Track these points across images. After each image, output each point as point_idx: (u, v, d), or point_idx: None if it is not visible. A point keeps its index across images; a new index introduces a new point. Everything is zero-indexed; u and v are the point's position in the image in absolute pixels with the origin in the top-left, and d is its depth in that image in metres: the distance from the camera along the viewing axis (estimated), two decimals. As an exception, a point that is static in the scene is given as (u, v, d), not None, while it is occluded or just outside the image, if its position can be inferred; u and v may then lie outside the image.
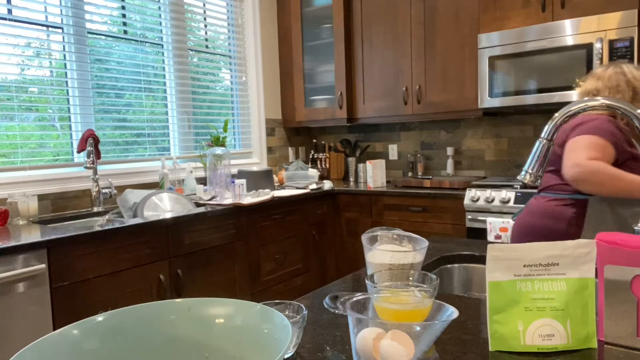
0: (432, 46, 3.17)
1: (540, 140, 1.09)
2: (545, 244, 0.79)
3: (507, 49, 2.74)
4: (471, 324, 0.89)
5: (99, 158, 2.57)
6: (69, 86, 2.67)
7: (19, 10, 2.45)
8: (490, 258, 0.79)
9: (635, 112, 0.97)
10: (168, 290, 2.23)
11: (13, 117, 2.44)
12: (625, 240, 0.77)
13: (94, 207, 2.57)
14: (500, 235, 2.51)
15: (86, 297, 1.93)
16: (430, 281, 0.81)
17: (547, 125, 1.07)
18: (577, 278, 0.78)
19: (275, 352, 0.56)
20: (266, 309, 0.67)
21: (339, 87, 3.56)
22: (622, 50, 2.40)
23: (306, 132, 4.19)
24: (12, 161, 2.42)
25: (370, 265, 1.01)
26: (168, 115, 3.19)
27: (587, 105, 1.02)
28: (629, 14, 2.39)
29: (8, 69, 2.43)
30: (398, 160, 3.78)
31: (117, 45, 2.92)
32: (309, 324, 0.91)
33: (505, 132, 3.26)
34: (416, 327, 0.66)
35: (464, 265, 1.40)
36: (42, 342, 0.58)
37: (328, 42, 3.63)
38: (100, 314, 0.66)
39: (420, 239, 1.03)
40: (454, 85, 3.09)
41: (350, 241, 3.30)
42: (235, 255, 2.59)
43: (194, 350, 0.67)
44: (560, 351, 0.77)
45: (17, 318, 1.75)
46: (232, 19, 3.64)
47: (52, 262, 1.84)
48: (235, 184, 2.71)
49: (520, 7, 2.75)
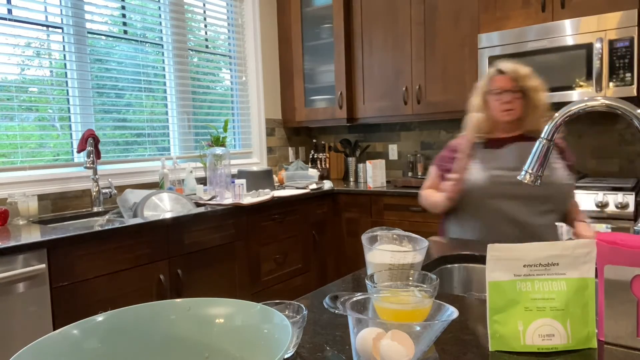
0: (432, 46, 3.17)
1: (540, 140, 1.09)
2: (545, 243, 0.79)
3: (507, 49, 2.74)
4: (471, 324, 0.89)
5: (99, 158, 2.57)
6: (69, 86, 2.67)
7: (19, 10, 2.45)
8: (490, 258, 0.79)
9: (635, 112, 0.97)
10: (168, 290, 2.23)
11: (13, 117, 2.44)
12: (625, 240, 0.77)
13: (94, 207, 2.57)
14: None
15: (86, 297, 1.93)
16: (430, 281, 0.81)
17: (547, 125, 1.07)
18: (577, 278, 0.78)
19: (275, 352, 0.56)
20: (266, 309, 0.67)
21: (339, 87, 3.56)
22: (622, 50, 2.40)
23: (306, 132, 4.19)
24: (12, 161, 2.42)
25: (370, 265, 1.01)
26: (168, 115, 3.19)
27: (587, 105, 1.02)
28: (629, 14, 2.39)
29: (8, 69, 2.43)
30: (398, 160, 3.77)
31: (117, 45, 2.92)
32: (309, 324, 0.91)
33: (505, 132, 3.25)
34: (416, 327, 0.66)
35: (464, 265, 1.40)
36: (42, 342, 0.58)
37: (328, 42, 3.63)
38: (100, 314, 0.66)
39: (420, 239, 1.03)
40: (454, 85, 3.09)
41: (350, 241, 3.30)
42: (235, 255, 2.59)
43: (194, 350, 0.67)
44: (560, 351, 0.77)
45: (17, 318, 1.75)
46: (232, 19, 3.64)
47: (52, 262, 1.84)
48: (235, 184, 2.71)
49: (520, 7, 2.75)
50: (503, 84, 1.80)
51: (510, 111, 1.79)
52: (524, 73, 1.81)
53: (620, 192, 2.33)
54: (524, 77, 1.79)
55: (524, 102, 1.80)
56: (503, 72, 1.82)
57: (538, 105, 1.80)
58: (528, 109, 1.80)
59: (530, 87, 1.79)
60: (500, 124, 1.85)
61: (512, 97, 1.78)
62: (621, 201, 2.29)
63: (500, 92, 1.79)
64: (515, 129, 1.84)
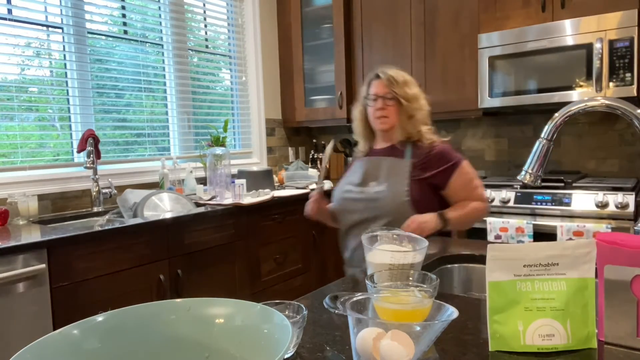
0: (432, 46, 3.17)
1: (540, 140, 1.09)
2: (545, 243, 0.79)
3: (507, 49, 2.74)
4: (471, 324, 0.89)
5: (99, 158, 2.57)
6: (69, 86, 2.67)
7: (19, 10, 2.45)
8: (490, 258, 0.79)
9: (635, 112, 0.97)
10: (168, 290, 2.23)
11: (13, 117, 2.44)
12: (625, 240, 0.77)
13: (94, 207, 2.57)
14: (500, 235, 2.52)
15: (86, 297, 1.93)
16: (430, 281, 0.81)
17: (547, 125, 1.07)
18: (577, 278, 0.78)
19: (275, 352, 0.56)
20: (266, 309, 0.67)
21: (339, 87, 3.56)
22: (622, 50, 2.40)
23: (306, 132, 4.19)
24: (12, 161, 2.42)
25: (370, 265, 1.01)
26: (168, 115, 3.19)
27: (587, 105, 1.02)
28: (629, 14, 2.39)
29: (8, 69, 2.43)
30: (398, 160, 3.77)
31: (117, 45, 2.92)
32: (309, 324, 0.91)
33: (505, 132, 3.26)
34: (416, 327, 0.66)
35: (464, 265, 1.40)
36: (42, 342, 0.58)
37: (328, 42, 3.63)
38: (100, 314, 0.66)
39: (420, 239, 1.03)
40: (454, 85, 3.09)
41: (350, 241, 3.30)
42: (235, 255, 2.59)
43: (194, 350, 0.67)
44: (560, 351, 0.77)
45: (17, 318, 1.75)
46: (232, 19, 3.64)
47: (52, 262, 1.83)
48: (235, 184, 2.71)
49: (520, 7, 2.75)
50: (377, 89, 1.72)
51: (384, 119, 1.71)
52: (401, 80, 1.72)
53: (620, 192, 2.33)
54: (401, 84, 1.71)
55: (399, 110, 1.70)
56: (379, 77, 1.74)
57: (414, 115, 1.71)
58: (403, 117, 1.71)
59: (406, 95, 1.70)
60: (378, 133, 1.78)
61: (384, 104, 1.70)
62: (621, 201, 2.29)
63: (375, 98, 1.72)
64: (390, 139, 1.76)
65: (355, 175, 1.77)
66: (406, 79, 1.75)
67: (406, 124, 1.71)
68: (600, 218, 2.33)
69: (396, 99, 1.70)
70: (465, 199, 1.72)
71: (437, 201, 1.72)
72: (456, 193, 1.72)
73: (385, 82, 1.71)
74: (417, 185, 1.67)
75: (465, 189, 1.72)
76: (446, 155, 1.73)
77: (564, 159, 3.03)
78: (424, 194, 1.68)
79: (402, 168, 1.69)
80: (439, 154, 1.73)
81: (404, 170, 1.68)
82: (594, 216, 2.35)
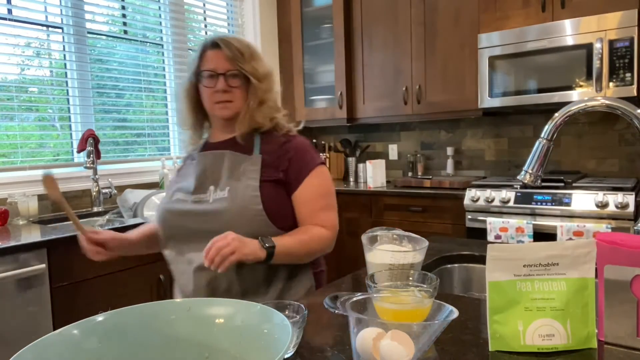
0: (432, 46, 3.17)
1: (540, 140, 1.09)
2: (545, 243, 0.79)
3: (507, 49, 2.74)
4: (471, 324, 0.89)
5: (99, 158, 2.57)
6: (69, 86, 2.67)
7: (19, 10, 2.45)
8: (490, 258, 0.79)
9: (635, 112, 0.97)
10: (168, 290, 2.23)
11: (13, 117, 2.44)
12: (625, 240, 0.77)
13: (94, 207, 2.57)
14: (500, 235, 2.51)
15: (86, 297, 1.93)
16: (430, 281, 0.81)
17: (547, 125, 1.07)
18: (577, 278, 0.78)
19: (275, 352, 0.56)
20: (266, 309, 0.67)
21: (339, 87, 3.56)
22: (622, 50, 2.40)
23: (306, 132, 4.19)
24: (12, 161, 2.42)
25: (370, 265, 1.01)
26: (168, 115, 3.19)
27: (587, 105, 1.02)
28: (629, 14, 2.39)
29: (8, 69, 2.43)
30: (398, 160, 3.77)
31: (117, 45, 2.92)
32: (309, 324, 0.91)
33: (505, 132, 3.26)
34: (416, 327, 0.66)
35: (464, 265, 1.40)
36: (42, 342, 0.58)
37: (328, 42, 3.63)
38: (100, 314, 0.66)
39: (420, 239, 1.03)
40: (454, 85, 3.09)
41: (350, 241, 3.30)
42: (235, 255, 2.59)
43: (194, 350, 0.67)
44: (560, 351, 0.77)
45: (17, 318, 1.75)
46: (232, 19, 3.64)
47: (52, 262, 1.83)
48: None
49: (520, 7, 2.75)
50: (217, 64, 1.25)
51: (227, 103, 1.26)
52: (248, 52, 1.27)
53: (620, 192, 2.33)
54: (247, 58, 1.26)
55: (247, 92, 1.27)
56: (219, 47, 1.26)
57: (266, 99, 1.28)
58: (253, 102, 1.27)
59: (255, 72, 1.26)
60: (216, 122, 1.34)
61: (227, 84, 1.25)
62: (621, 201, 2.29)
63: (213, 74, 1.25)
64: (233, 130, 1.30)
65: (187, 179, 1.31)
66: (252, 50, 1.29)
67: (256, 112, 1.27)
68: (600, 218, 2.33)
69: (243, 77, 1.26)
70: (307, 218, 1.27)
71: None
72: (299, 206, 1.28)
73: (228, 53, 1.24)
74: (271, 189, 1.24)
75: (310, 204, 1.27)
76: (304, 153, 1.31)
77: (564, 159, 3.03)
78: (281, 200, 1.26)
79: (250, 166, 1.25)
80: (296, 148, 1.30)
81: (253, 168, 1.25)
82: (594, 216, 2.35)
